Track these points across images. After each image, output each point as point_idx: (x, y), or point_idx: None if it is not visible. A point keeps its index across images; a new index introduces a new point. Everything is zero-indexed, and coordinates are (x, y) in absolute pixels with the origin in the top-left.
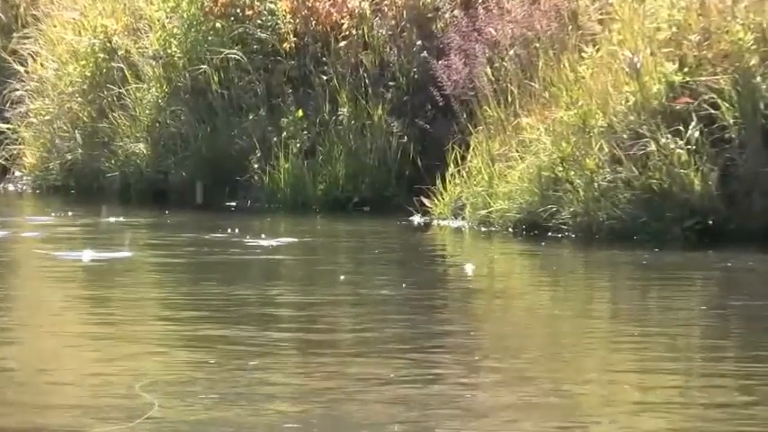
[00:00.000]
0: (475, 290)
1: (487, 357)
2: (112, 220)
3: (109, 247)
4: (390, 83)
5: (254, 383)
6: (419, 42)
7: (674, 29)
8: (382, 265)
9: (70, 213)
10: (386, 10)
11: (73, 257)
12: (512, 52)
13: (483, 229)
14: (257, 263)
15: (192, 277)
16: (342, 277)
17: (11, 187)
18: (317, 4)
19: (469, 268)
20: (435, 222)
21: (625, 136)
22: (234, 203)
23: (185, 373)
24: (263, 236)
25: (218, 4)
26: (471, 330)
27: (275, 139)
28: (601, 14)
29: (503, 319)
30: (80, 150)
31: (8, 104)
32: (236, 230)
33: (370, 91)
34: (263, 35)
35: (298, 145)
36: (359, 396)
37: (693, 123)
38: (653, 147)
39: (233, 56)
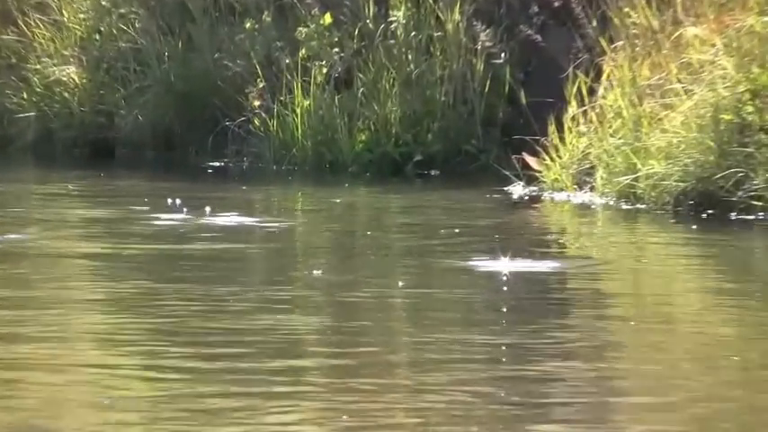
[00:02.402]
0: (618, 317)
1: None
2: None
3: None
4: None
5: None
6: None
7: None
8: (463, 281)
9: None
10: None
11: None
12: None
13: (625, 206)
14: (254, 264)
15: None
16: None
17: None
18: None
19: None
20: (547, 195)
21: None
22: (220, 163)
23: None
24: (259, 219)
25: None
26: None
27: (288, 60)
28: None
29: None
30: None
31: None
32: (217, 209)
33: None
34: None
35: (324, 70)
36: None
37: None
38: None
39: None
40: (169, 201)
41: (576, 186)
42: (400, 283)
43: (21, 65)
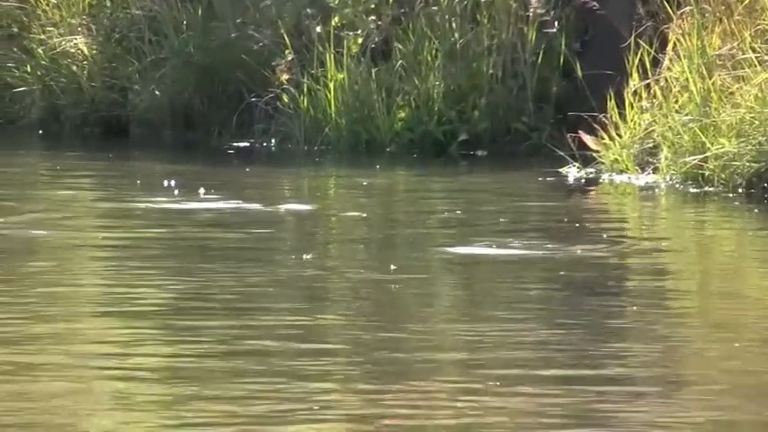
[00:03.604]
0: (683, 314)
1: None
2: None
3: None
4: None
5: None
6: None
7: None
8: (519, 272)
9: None
10: None
11: None
12: None
13: (693, 189)
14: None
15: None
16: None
17: None
18: None
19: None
20: (606, 177)
21: None
22: (245, 144)
23: None
24: (284, 204)
25: None
26: None
27: (319, 29)
28: None
29: None
30: None
31: None
32: (240, 194)
33: None
34: None
35: (359, 41)
36: None
37: None
38: None
39: None
40: (165, 183)
41: (637, 168)
42: (447, 272)
43: (23, 34)
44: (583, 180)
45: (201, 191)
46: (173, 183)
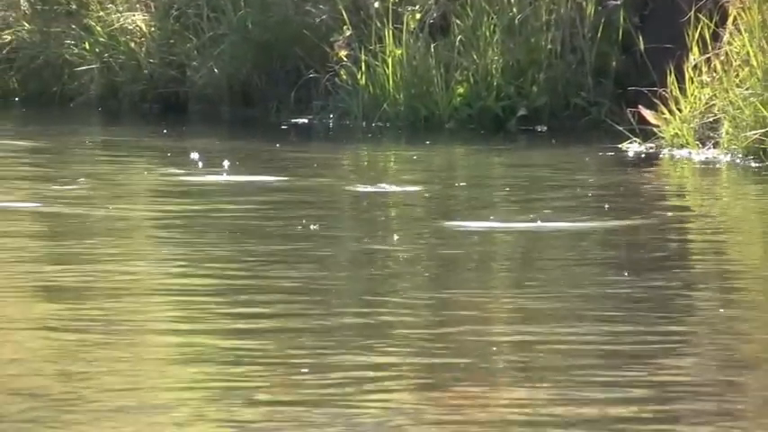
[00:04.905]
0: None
1: None
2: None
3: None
4: None
5: None
6: None
7: None
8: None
9: None
10: None
11: None
12: None
13: (754, 163)
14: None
15: None
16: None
17: None
18: None
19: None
20: (666, 152)
21: None
22: (303, 120)
23: None
24: (346, 181)
25: None
26: None
27: (377, 5)
28: None
29: None
30: (26, 27)
31: None
32: (299, 171)
33: None
34: None
35: (418, 16)
36: None
37: None
38: None
39: None
40: (192, 155)
41: (698, 142)
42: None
43: (82, 12)
44: (642, 155)
45: (226, 163)
46: (225, 163)
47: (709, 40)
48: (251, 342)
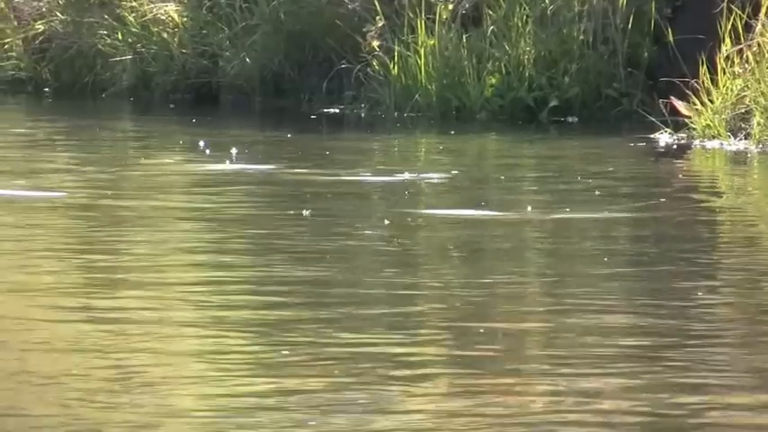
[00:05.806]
0: None
1: None
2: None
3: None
4: None
5: None
6: None
7: None
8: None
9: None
10: None
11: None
12: None
13: None
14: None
15: None
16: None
17: None
18: None
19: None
20: (698, 143)
21: None
22: (335, 110)
23: None
24: (378, 173)
25: None
26: None
27: None
28: None
29: None
30: (59, 17)
31: None
32: (329, 161)
33: None
34: None
35: (450, 6)
36: None
37: None
38: None
39: None
40: (200, 143)
41: (729, 133)
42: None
43: (114, 2)
44: (674, 146)
45: (234, 151)
46: (202, 143)
47: (741, 31)
48: (279, 334)
